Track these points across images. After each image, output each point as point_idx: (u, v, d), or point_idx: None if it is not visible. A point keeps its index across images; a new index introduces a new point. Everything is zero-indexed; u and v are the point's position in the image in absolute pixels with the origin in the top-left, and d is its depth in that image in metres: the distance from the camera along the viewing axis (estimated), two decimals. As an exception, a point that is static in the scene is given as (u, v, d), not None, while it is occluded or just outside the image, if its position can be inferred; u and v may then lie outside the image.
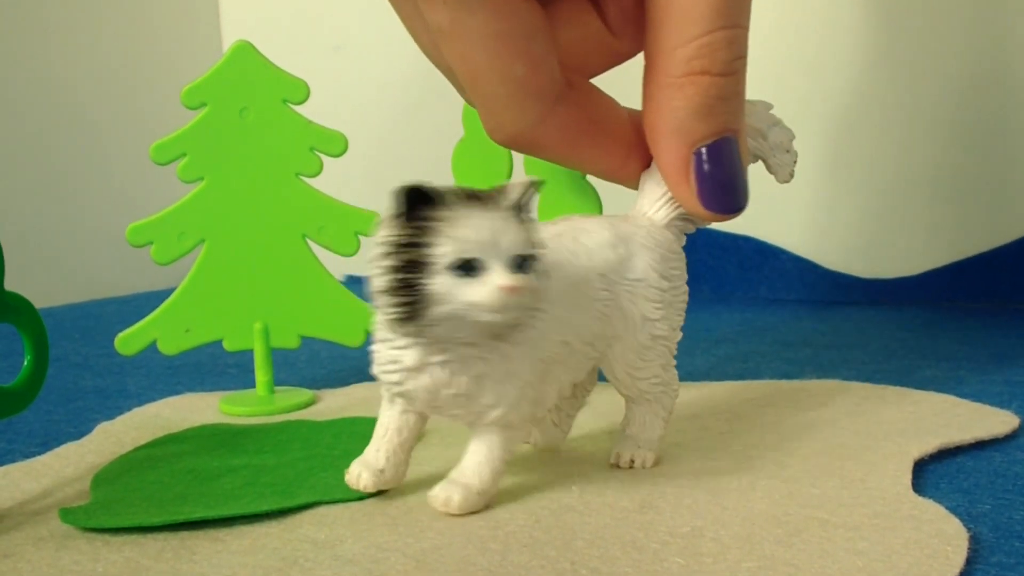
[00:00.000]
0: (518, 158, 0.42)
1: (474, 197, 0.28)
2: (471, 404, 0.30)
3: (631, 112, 0.36)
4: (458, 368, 0.29)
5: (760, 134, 0.36)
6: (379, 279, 0.28)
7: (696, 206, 0.34)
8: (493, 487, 0.31)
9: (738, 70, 0.33)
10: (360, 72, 0.94)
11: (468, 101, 0.36)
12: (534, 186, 0.29)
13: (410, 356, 0.29)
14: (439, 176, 0.42)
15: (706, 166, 0.33)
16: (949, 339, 0.59)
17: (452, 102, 0.45)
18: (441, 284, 0.27)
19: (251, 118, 0.45)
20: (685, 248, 0.36)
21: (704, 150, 0.33)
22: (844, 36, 0.75)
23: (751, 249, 0.79)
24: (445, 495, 0.30)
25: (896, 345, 0.57)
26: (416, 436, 0.32)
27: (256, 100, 0.45)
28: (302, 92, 0.45)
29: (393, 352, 0.29)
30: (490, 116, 0.34)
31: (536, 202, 0.43)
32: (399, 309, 0.28)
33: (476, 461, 0.31)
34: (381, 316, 0.29)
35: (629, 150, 0.36)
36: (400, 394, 0.30)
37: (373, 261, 0.28)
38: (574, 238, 0.33)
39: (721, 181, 0.33)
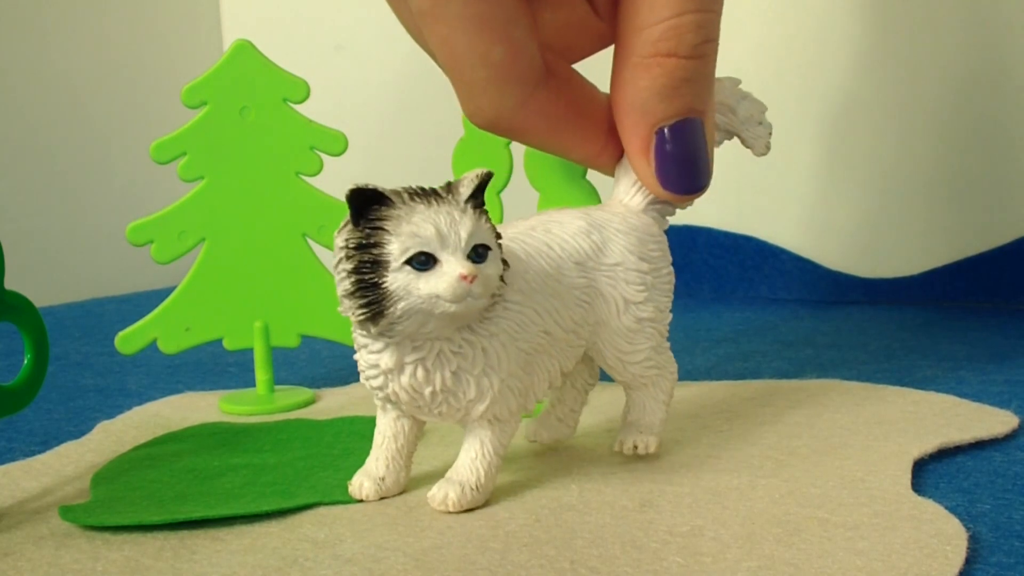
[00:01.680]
0: (518, 157, 0.42)
1: (424, 193, 0.29)
2: (454, 400, 0.30)
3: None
4: (434, 364, 0.29)
5: (729, 109, 0.36)
6: (340, 284, 0.29)
7: (654, 184, 0.34)
8: (489, 482, 0.31)
9: (706, 53, 0.33)
10: (360, 71, 0.94)
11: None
12: (485, 178, 0.30)
13: (387, 358, 0.29)
14: (440, 175, 0.42)
15: (667, 145, 0.33)
16: (949, 339, 0.59)
17: (452, 101, 0.45)
18: (398, 280, 0.28)
19: (251, 117, 0.45)
20: (686, 248, 0.36)
21: (666, 130, 0.33)
22: (843, 36, 0.75)
23: (751, 249, 0.79)
24: (442, 494, 0.30)
25: (896, 345, 0.57)
26: (414, 441, 0.33)
27: (256, 99, 0.45)
28: (302, 91, 0.45)
29: (372, 357, 0.30)
30: (470, 100, 0.34)
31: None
32: (362, 310, 0.28)
33: (470, 458, 0.31)
34: (351, 320, 0.29)
35: (608, 137, 0.35)
36: (386, 398, 0.31)
37: (334, 267, 0.29)
38: (547, 230, 0.33)
39: (680, 161, 0.33)
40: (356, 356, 0.31)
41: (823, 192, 0.77)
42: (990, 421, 0.38)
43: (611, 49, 0.36)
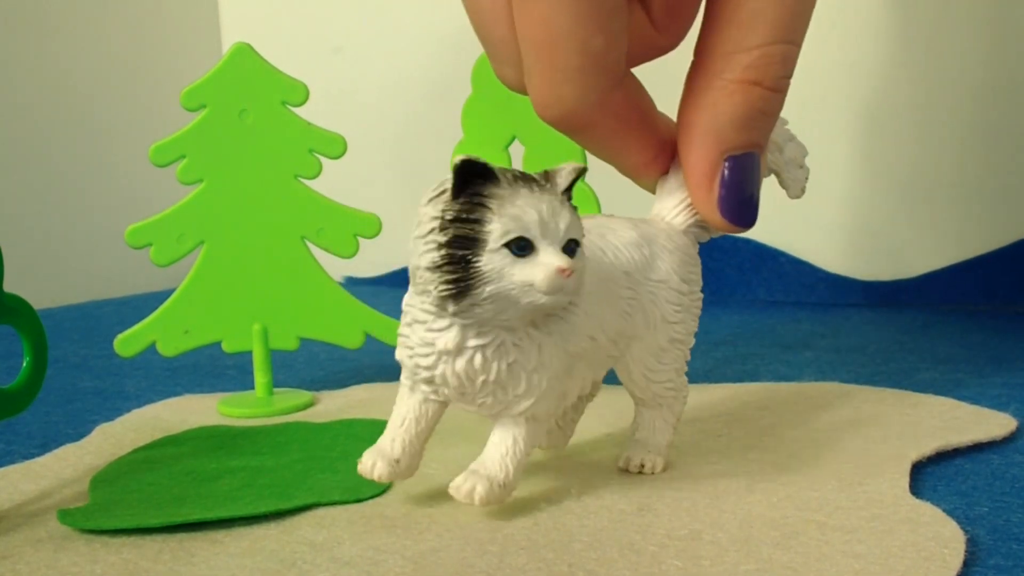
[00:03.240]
0: (516, 159, 0.42)
1: (526, 178, 0.28)
2: (501, 393, 0.29)
3: (662, 115, 0.36)
4: (493, 354, 0.28)
5: (778, 148, 0.36)
6: (427, 255, 0.27)
7: (713, 212, 0.33)
8: (516, 481, 0.30)
9: (784, 89, 0.32)
10: (360, 74, 0.94)
11: (504, 78, 0.34)
12: (580, 172, 0.29)
13: (447, 338, 0.28)
14: (438, 178, 0.42)
15: (727, 174, 0.33)
16: (947, 342, 0.59)
17: (452, 103, 0.45)
18: (492, 262, 0.27)
19: (250, 120, 0.45)
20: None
21: (732, 159, 0.33)
22: (851, 41, 0.75)
23: (750, 251, 0.79)
24: (469, 487, 0.29)
25: (894, 347, 0.57)
26: (432, 427, 0.31)
27: (255, 102, 0.45)
28: (301, 94, 0.45)
29: (429, 334, 0.29)
30: (552, 88, 0.32)
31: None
32: (447, 286, 0.27)
33: (500, 453, 0.30)
34: (426, 294, 0.28)
35: (660, 149, 0.35)
36: (429, 380, 0.30)
37: (418, 237, 0.28)
38: (601, 235, 0.33)
39: (742, 193, 0.33)
40: (402, 331, 0.30)
41: (821, 194, 0.77)
42: (988, 424, 0.38)
43: (663, 64, 0.35)
